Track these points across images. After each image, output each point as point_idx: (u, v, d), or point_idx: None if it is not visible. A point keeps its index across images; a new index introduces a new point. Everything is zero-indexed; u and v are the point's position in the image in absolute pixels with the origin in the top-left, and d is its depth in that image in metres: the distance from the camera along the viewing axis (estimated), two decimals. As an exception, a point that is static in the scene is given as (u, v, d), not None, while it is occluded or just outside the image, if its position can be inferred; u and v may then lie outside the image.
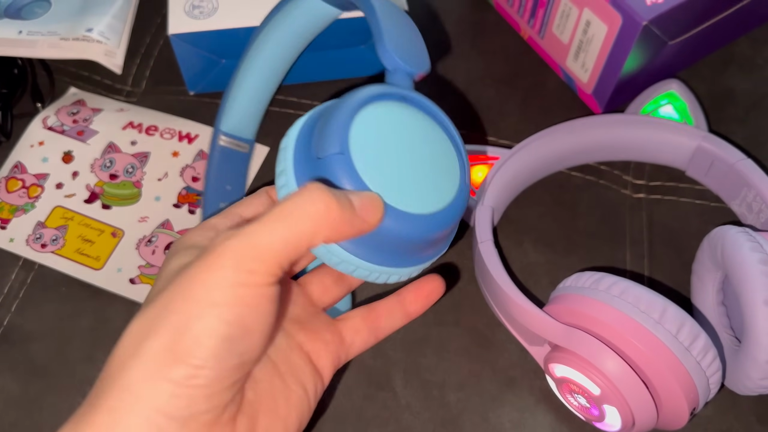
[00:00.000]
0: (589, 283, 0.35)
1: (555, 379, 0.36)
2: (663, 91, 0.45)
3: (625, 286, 0.34)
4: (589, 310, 0.34)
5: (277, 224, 0.26)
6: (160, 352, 0.25)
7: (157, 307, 0.26)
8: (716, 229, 0.37)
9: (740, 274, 0.34)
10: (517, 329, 0.38)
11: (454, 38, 0.52)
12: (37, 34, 0.49)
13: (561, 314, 0.35)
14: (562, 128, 0.44)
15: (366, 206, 0.27)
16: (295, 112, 0.49)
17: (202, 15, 0.44)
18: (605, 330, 0.33)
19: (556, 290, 0.37)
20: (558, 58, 0.49)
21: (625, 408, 0.33)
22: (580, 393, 0.35)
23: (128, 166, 0.45)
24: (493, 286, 0.38)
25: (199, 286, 0.25)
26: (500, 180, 0.42)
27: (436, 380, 0.40)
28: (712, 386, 0.33)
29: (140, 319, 0.27)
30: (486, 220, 0.40)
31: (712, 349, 0.33)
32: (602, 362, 0.33)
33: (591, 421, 0.36)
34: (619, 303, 0.33)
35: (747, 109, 0.49)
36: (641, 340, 0.32)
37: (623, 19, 0.42)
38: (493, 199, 0.41)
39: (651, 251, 0.43)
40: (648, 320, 0.32)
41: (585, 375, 0.33)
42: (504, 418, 0.38)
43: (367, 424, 0.38)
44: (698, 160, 0.44)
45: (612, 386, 0.33)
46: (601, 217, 0.45)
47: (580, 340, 0.33)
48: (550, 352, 0.36)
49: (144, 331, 0.26)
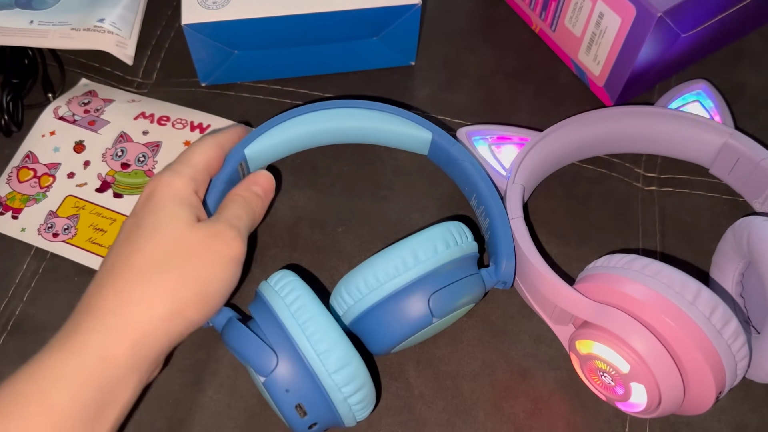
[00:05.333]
0: (622, 263, 0.35)
1: (580, 357, 0.36)
2: (691, 90, 0.46)
3: (659, 267, 0.34)
4: (623, 288, 0.34)
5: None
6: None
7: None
8: (742, 219, 0.37)
9: (766, 261, 0.34)
10: (544, 307, 0.39)
11: (465, 32, 0.52)
12: (48, 24, 0.48)
13: (592, 292, 0.35)
14: (594, 115, 0.44)
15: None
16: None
17: (215, 5, 0.44)
18: (638, 308, 0.33)
19: (585, 270, 0.37)
20: (570, 51, 0.49)
21: (653, 386, 0.33)
22: (607, 371, 0.35)
23: (140, 155, 0.45)
24: (524, 263, 0.38)
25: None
26: (531, 160, 0.42)
27: (449, 370, 0.39)
28: (740, 371, 0.33)
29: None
30: (517, 197, 0.40)
31: (743, 335, 0.33)
32: (634, 339, 0.33)
33: (613, 401, 0.36)
34: (653, 282, 0.33)
35: (758, 104, 0.49)
36: (675, 319, 0.32)
37: (637, 11, 0.42)
38: (524, 177, 0.41)
39: (663, 243, 0.44)
40: (682, 301, 0.33)
41: (616, 351, 0.33)
42: (518, 408, 0.38)
43: (381, 414, 0.38)
44: (724, 158, 0.44)
45: (642, 363, 0.33)
46: (613, 210, 0.45)
47: (613, 316, 0.34)
48: (578, 329, 0.36)
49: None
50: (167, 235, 0.34)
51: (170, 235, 0.34)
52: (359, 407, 0.34)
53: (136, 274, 0.33)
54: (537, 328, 0.41)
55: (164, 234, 0.34)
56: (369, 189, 0.45)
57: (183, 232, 0.34)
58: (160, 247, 0.34)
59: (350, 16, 0.45)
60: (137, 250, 0.34)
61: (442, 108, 0.49)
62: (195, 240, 0.34)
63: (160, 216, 0.35)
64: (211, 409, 0.38)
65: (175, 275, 0.33)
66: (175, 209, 0.35)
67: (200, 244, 0.34)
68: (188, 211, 0.35)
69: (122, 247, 0.34)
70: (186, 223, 0.35)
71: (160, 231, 0.34)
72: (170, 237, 0.34)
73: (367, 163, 0.46)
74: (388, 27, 0.47)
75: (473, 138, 0.43)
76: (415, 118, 0.43)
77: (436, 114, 0.48)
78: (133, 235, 0.34)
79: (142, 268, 0.33)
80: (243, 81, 0.49)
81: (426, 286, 0.35)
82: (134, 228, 0.35)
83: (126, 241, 0.34)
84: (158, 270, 0.33)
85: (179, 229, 0.34)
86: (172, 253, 0.34)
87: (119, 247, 0.35)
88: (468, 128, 0.44)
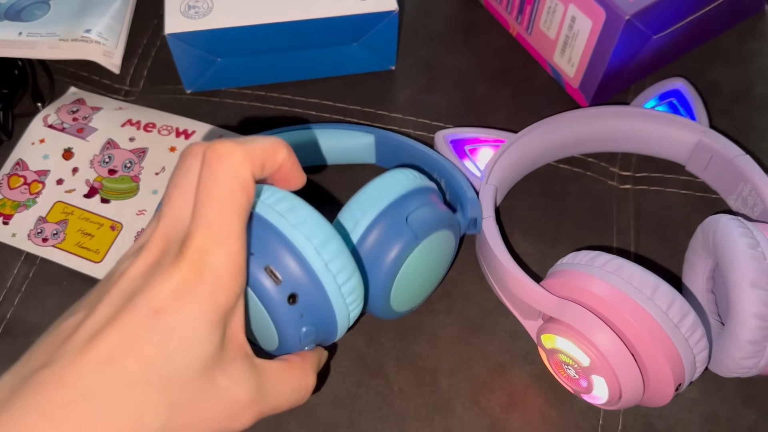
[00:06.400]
0: (585, 260, 0.36)
1: (546, 350, 0.37)
2: (667, 88, 0.47)
3: (620, 263, 0.35)
4: (584, 284, 0.35)
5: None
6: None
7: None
8: (710, 217, 0.38)
9: (729, 257, 0.35)
10: (514, 303, 0.40)
11: (445, 35, 0.54)
12: (36, 35, 0.50)
13: (556, 288, 0.37)
14: (569, 116, 0.45)
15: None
16: (290, 109, 0.50)
17: (197, 15, 0.46)
18: (598, 303, 0.34)
19: (554, 267, 0.38)
20: (545, 53, 0.50)
21: (612, 379, 0.34)
22: (570, 364, 0.36)
23: (126, 161, 0.46)
24: (493, 261, 0.39)
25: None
26: (505, 161, 0.43)
27: (428, 366, 0.41)
28: (699, 364, 0.34)
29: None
30: (489, 197, 0.41)
31: (701, 328, 0.34)
32: (593, 333, 0.34)
33: (579, 393, 0.37)
34: (612, 278, 0.34)
35: (732, 102, 0.50)
36: (632, 314, 0.33)
37: (606, 14, 0.43)
38: (497, 179, 0.43)
39: (637, 240, 0.45)
40: (640, 295, 0.34)
41: (576, 345, 0.34)
42: (494, 402, 0.39)
43: (362, 409, 0.39)
44: (698, 155, 0.45)
45: (601, 357, 0.34)
46: (589, 208, 0.46)
47: (573, 311, 0.35)
48: (544, 324, 0.37)
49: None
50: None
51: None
52: (352, 299, 0.33)
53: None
54: (513, 324, 0.42)
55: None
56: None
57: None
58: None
59: (330, 23, 0.46)
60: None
61: (422, 110, 0.50)
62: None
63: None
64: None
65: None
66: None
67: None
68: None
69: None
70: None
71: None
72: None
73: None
74: (367, 33, 0.48)
75: (450, 141, 0.44)
76: (351, 127, 0.45)
77: (416, 116, 0.50)
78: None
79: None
80: (227, 87, 0.51)
81: (399, 210, 0.36)
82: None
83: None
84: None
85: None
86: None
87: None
88: (445, 132, 0.45)
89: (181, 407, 0.26)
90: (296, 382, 0.32)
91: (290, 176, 0.32)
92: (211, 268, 0.27)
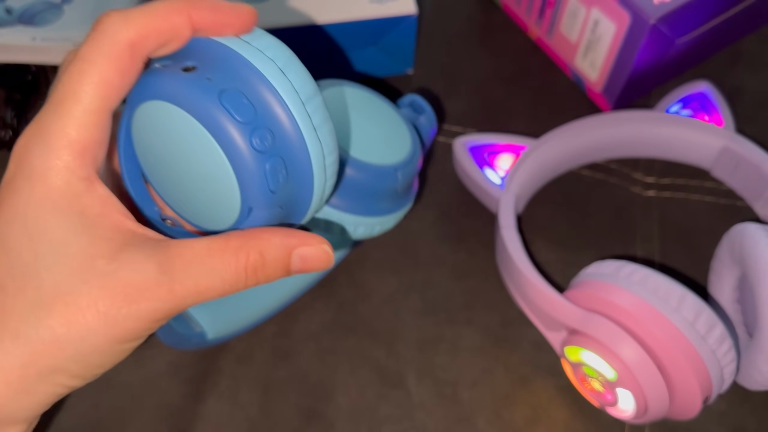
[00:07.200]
0: (609, 270, 0.35)
1: (570, 363, 0.36)
2: (692, 92, 0.46)
3: (646, 273, 0.34)
4: (609, 296, 0.34)
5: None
6: None
7: None
8: (736, 226, 0.37)
9: (756, 268, 0.34)
10: (536, 314, 0.39)
11: (462, 39, 0.53)
12: (50, 40, 0.49)
13: (580, 299, 0.36)
14: (591, 121, 0.44)
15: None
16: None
17: (213, 19, 0.45)
18: (623, 315, 0.34)
19: (577, 277, 0.37)
20: (566, 57, 0.49)
21: (638, 392, 0.33)
22: (595, 377, 0.35)
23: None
24: (515, 272, 0.38)
25: None
26: (527, 169, 0.42)
27: (449, 378, 0.40)
28: (727, 376, 0.34)
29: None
30: (509, 207, 0.41)
31: (728, 339, 0.33)
32: (618, 346, 0.33)
33: (604, 407, 0.36)
34: (638, 289, 0.34)
35: (755, 107, 0.49)
36: (658, 326, 0.32)
37: (631, 18, 0.42)
38: (518, 187, 0.42)
39: (662, 249, 0.44)
40: (666, 307, 0.33)
41: (602, 358, 0.34)
42: (517, 415, 0.39)
43: (381, 423, 0.39)
44: (724, 161, 0.44)
45: (627, 370, 0.33)
46: (612, 216, 0.45)
47: (598, 324, 0.34)
48: (568, 336, 0.36)
49: None
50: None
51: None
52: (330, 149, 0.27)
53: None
54: (536, 334, 0.41)
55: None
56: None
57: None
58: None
59: (347, 27, 0.46)
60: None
61: (439, 115, 0.49)
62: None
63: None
64: (213, 419, 0.39)
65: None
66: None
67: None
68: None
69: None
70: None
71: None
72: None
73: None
74: (384, 37, 0.47)
75: (470, 149, 0.44)
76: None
77: (435, 122, 0.49)
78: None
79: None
80: (243, 92, 0.50)
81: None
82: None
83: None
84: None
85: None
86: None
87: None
88: (464, 138, 0.44)
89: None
90: (225, 259, 0.26)
91: (221, 22, 0.26)
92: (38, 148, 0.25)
